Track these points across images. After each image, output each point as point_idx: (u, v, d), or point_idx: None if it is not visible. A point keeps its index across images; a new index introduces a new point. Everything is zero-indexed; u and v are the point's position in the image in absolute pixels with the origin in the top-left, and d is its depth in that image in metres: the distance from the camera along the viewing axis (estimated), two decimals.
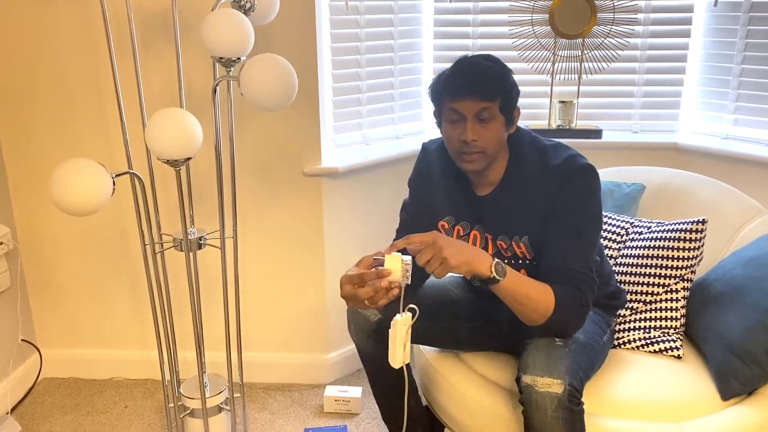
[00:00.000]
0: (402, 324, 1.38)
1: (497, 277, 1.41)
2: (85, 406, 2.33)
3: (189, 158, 1.63)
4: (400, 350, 1.40)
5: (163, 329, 1.94)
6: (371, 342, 1.69)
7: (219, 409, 2.01)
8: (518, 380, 1.44)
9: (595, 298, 1.55)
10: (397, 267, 1.35)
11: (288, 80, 1.61)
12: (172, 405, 2.02)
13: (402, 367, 1.44)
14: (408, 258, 1.36)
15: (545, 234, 1.53)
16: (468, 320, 1.76)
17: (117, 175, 1.60)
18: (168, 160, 1.62)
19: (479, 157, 1.51)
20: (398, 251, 1.38)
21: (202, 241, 1.85)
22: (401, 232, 1.71)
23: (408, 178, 1.78)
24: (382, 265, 1.36)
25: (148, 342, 2.44)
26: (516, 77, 1.53)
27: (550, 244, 1.53)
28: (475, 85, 1.46)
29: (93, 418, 2.26)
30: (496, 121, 1.48)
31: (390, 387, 1.74)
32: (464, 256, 1.39)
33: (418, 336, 1.73)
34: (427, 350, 1.87)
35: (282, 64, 1.61)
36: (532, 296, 1.45)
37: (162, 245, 1.93)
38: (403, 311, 1.38)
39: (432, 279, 1.78)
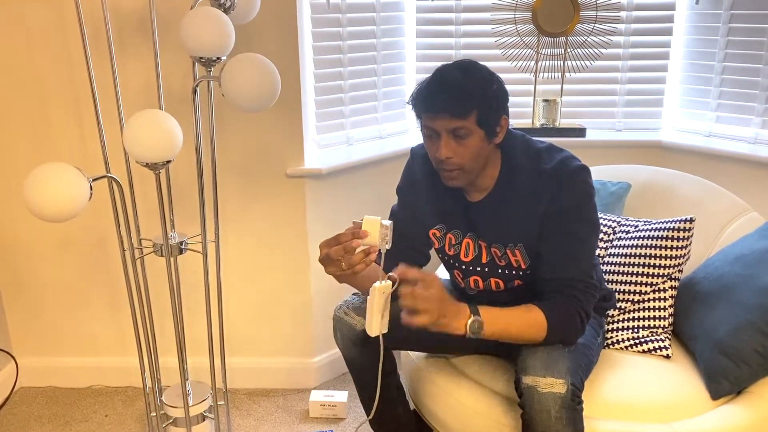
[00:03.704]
0: (380, 292, 1.33)
1: (472, 336, 1.40)
2: (63, 416, 2.27)
3: (169, 161, 1.59)
4: (377, 318, 1.36)
5: (143, 336, 1.90)
6: (357, 350, 1.66)
7: (202, 417, 1.96)
8: (517, 382, 1.42)
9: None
10: (374, 230, 1.31)
11: (271, 80, 1.57)
12: (154, 414, 1.97)
13: (378, 338, 1.41)
14: (388, 222, 1.32)
15: (542, 241, 1.50)
16: None
17: (94, 180, 1.55)
18: (147, 164, 1.57)
19: (458, 174, 1.46)
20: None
21: (183, 246, 1.81)
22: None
23: (392, 178, 1.75)
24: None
25: (127, 349, 2.39)
26: (499, 76, 1.46)
27: (548, 252, 1.50)
28: (446, 103, 1.39)
29: (72, 428, 2.20)
30: (473, 137, 1.42)
31: (377, 393, 1.71)
32: (443, 313, 1.36)
33: (407, 341, 1.71)
34: (415, 355, 1.85)
35: (264, 63, 1.57)
36: (521, 332, 1.45)
37: (142, 251, 1.88)
38: (383, 279, 1.34)
39: None
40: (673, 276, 1.81)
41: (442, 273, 2.07)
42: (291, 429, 2.19)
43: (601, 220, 1.97)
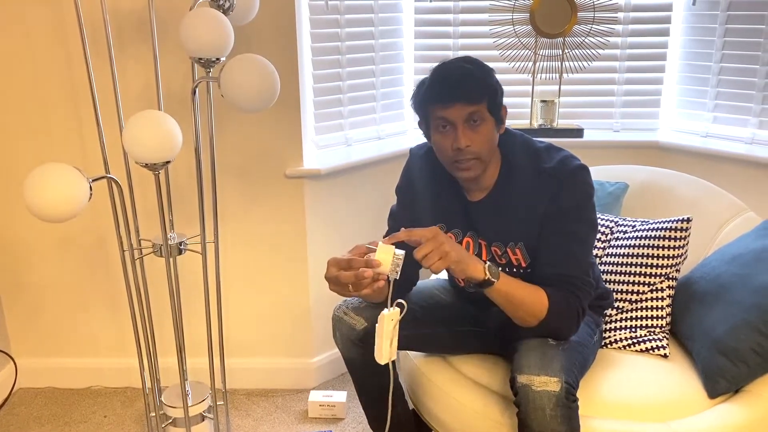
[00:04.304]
0: (389, 319, 1.35)
1: (491, 279, 1.40)
2: (62, 416, 2.28)
3: (168, 162, 1.59)
4: (386, 345, 1.37)
5: (143, 336, 1.90)
6: (357, 350, 1.66)
7: (202, 417, 1.97)
8: (513, 381, 1.43)
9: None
10: (387, 259, 1.32)
11: (270, 81, 1.58)
12: (154, 414, 1.97)
13: (388, 366, 1.41)
14: (401, 252, 1.33)
15: (542, 240, 1.51)
16: (456, 324, 1.74)
17: (94, 180, 1.56)
18: (147, 164, 1.58)
19: (475, 163, 1.48)
20: (395, 244, 1.35)
21: (182, 247, 1.81)
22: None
23: (391, 178, 1.75)
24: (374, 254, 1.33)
25: (127, 349, 2.39)
26: (497, 77, 1.50)
27: (547, 249, 1.51)
28: (460, 90, 1.43)
29: (71, 429, 2.21)
30: (486, 123, 1.46)
31: (376, 393, 1.72)
32: (462, 254, 1.39)
33: (406, 342, 1.71)
34: (414, 354, 1.85)
35: (263, 64, 1.58)
36: (525, 300, 1.45)
37: (141, 251, 1.88)
38: (391, 306, 1.35)
39: (419, 285, 1.77)
40: (670, 276, 1.82)
41: (442, 273, 2.08)
42: (290, 429, 2.20)
43: (598, 220, 1.97)
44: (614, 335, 1.81)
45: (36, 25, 2.05)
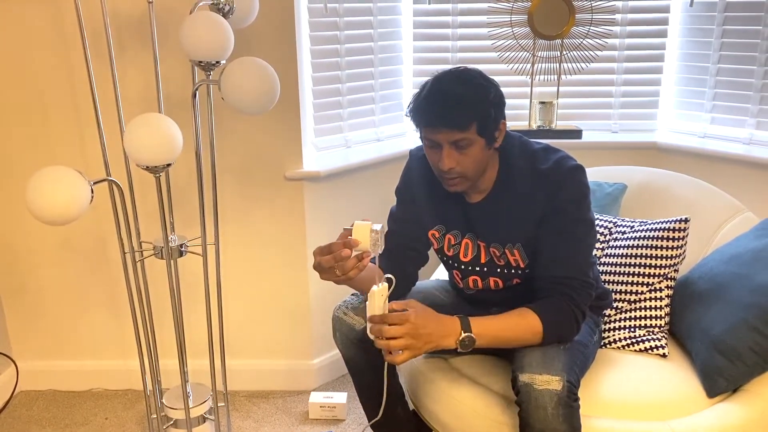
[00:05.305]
0: (379, 295, 1.36)
1: (462, 351, 1.42)
2: (63, 418, 2.28)
3: (169, 164, 1.60)
4: None
5: (144, 338, 1.91)
6: (357, 350, 1.67)
7: (203, 418, 1.97)
8: (514, 380, 1.44)
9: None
10: (365, 236, 1.33)
11: (271, 84, 1.59)
12: (155, 416, 1.98)
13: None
14: (378, 226, 1.34)
15: (539, 240, 1.52)
16: None
17: (95, 183, 1.57)
18: (147, 167, 1.59)
19: (461, 180, 1.48)
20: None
21: (183, 249, 1.82)
22: (389, 241, 1.69)
23: (390, 180, 1.76)
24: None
25: (127, 351, 2.40)
26: (496, 79, 1.47)
27: (545, 251, 1.52)
28: (446, 117, 1.40)
29: (72, 431, 2.21)
30: (473, 146, 1.44)
31: (377, 393, 1.72)
32: (431, 339, 1.39)
33: None
34: None
35: (263, 67, 1.59)
36: (514, 337, 1.46)
37: (142, 253, 1.89)
38: (381, 282, 1.36)
39: (418, 285, 1.77)
40: (669, 276, 1.82)
41: (442, 273, 2.09)
42: (291, 430, 2.20)
43: (597, 221, 1.98)
44: (613, 335, 1.82)
45: (36, 28, 2.06)
